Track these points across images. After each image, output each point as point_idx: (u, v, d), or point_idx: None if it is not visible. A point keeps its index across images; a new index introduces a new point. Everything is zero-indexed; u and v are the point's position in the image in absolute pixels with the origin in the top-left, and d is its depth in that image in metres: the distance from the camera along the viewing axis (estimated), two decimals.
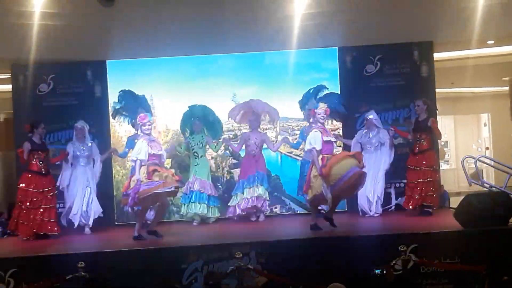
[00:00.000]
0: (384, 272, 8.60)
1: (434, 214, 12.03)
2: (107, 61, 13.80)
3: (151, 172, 10.51)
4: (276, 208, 13.77)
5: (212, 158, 13.81)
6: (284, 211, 13.68)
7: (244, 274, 9.08)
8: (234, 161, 13.88)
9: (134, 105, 12.47)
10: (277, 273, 9.25)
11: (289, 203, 13.70)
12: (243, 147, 13.05)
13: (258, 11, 11.70)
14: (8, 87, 14.03)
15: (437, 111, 13.77)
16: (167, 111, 13.66)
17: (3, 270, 9.27)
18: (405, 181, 12.50)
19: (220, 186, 13.67)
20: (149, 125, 10.92)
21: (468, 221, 10.01)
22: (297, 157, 13.60)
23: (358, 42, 13.66)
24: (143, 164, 10.61)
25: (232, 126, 13.86)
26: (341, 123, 13.58)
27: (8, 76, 13.96)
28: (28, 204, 11.62)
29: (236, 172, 13.70)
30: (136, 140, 11.28)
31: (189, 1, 11.21)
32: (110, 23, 11.68)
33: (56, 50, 12.62)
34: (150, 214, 11.61)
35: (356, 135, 12.72)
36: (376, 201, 12.36)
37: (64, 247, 10.70)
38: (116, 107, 12.73)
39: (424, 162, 12.13)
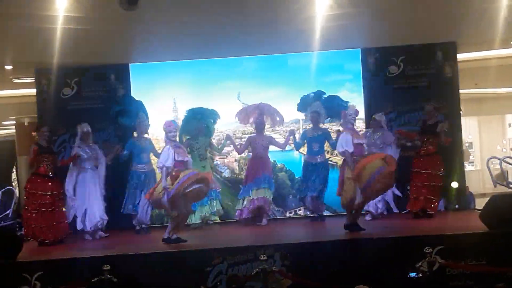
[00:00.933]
0: (420, 275, 8.54)
1: (460, 215, 11.97)
2: (130, 64, 13.86)
3: (175, 176, 10.49)
4: (300, 210, 13.75)
5: (235, 160, 13.85)
6: (308, 213, 13.61)
7: (269, 276, 9.06)
8: None
9: (134, 108, 12.53)
10: (302, 276, 9.23)
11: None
12: (249, 149, 13.06)
13: (280, 13, 11.65)
14: (32, 91, 14.11)
15: (461, 112, 13.72)
16: None
17: (29, 273, 9.31)
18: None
19: None
20: (174, 131, 10.86)
21: (494, 223, 9.92)
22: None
23: (381, 43, 13.64)
24: (169, 171, 10.59)
25: (242, 133, 13.92)
26: (364, 125, 13.55)
27: (32, 80, 14.04)
28: (35, 207, 11.59)
29: None
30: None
31: (211, 4, 11.19)
32: (133, 26, 11.69)
33: (79, 54, 12.66)
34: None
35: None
36: (381, 203, 12.36)
37: (88, 251, 10.73)
38: (116, 110, 12.72)
39: (429, 166, 12.11)
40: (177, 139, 11.48)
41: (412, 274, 8.87)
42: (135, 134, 12.73)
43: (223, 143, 13.24)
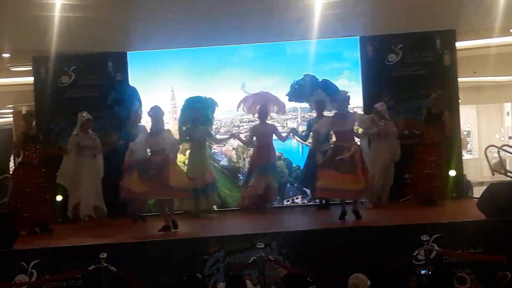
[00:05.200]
0: (429, 273, 8.51)
1: (458, 203, 11.95)
2: (128, 52, 13.80)
3: None
4: (297, 198, 13.73)
5: (233, 149, 13.82)
6: (305, 201, 13.61)
7: (266, 264, 9.06)
8: None
9: (131, 96, 12.51)
10: (299, 264, 9.23)
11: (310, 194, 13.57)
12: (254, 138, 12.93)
13: (278, 0, 11.65)
14: (30, 79, 14.06)
15: (459, 101, 13.68)
16: None
17: (26, 261, 9.31)
18: None
19: (241, 177, 13.61)
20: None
21: (491, 211, 9.92)
22: None
23: (380, 31, 13.61)
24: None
25: (240, 122, 13.88)
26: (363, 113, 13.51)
27: (29, 68, 14.01)
28: (21, 196, 11.46)
29: None
30: None
31: None
32: (131, 14, 11.69)
33: (77, 42, 12.66)
34: None
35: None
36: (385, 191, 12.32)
37: (86, 238, 10.70)
38: (114, 98, 12.65)
39: (433, 155, 11.95)
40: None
41: (423, 272, 8.81)
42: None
43: (224, 139, 13.40)
